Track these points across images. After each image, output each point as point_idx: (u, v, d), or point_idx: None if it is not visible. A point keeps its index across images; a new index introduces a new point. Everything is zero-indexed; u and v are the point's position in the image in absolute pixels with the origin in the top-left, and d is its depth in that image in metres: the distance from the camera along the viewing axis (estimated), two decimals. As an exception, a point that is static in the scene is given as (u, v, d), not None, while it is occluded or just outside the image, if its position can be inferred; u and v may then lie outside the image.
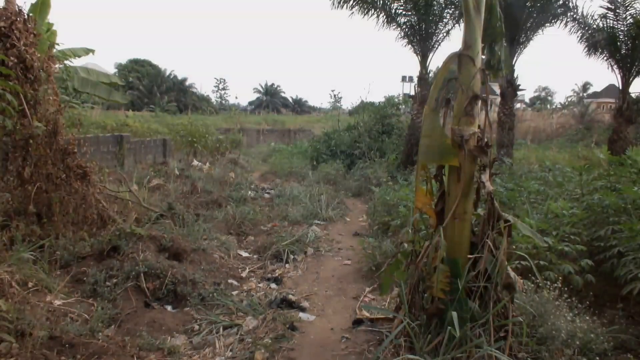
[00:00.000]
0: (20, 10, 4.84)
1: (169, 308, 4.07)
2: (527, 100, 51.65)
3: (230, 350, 3.40)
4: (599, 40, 11.53)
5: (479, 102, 3.00)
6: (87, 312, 3.63)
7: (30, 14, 5.08)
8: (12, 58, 4.47)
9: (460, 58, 3.05)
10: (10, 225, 4.46)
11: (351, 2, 11.62)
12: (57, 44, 6.18)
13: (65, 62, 7.08)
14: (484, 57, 3.32)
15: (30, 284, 3.72)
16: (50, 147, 4.86)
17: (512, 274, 2.90)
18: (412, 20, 11.74)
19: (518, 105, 29.51)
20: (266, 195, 9.83)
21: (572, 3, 11.43)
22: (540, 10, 11.07)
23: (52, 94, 5.00)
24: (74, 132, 5.81)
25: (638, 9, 10.66)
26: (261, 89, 59.98)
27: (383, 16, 11.91)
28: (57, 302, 3.68)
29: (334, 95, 55.86)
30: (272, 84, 60.16)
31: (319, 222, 7.60)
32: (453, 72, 3.28)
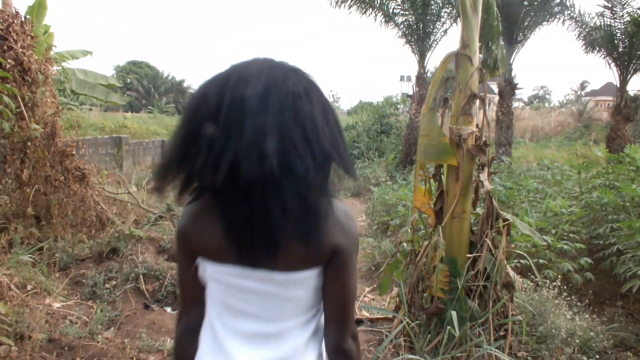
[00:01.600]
0: (17, 13, 4.83)
1: (168, 310, 4.07)
2: (525, 98, 51.72)
3: (230, 352, 3.40)
4: (596, 38, 11.57)
5: (477, 101, 2.99)
6: (87, 314, 3.62)
7: (27, 16, 5.07)
8: (9, 60, 4.46)
9: (458, 57, 3.05)
10: (9, 228, 4.45)
11: (349, 2, 11.64)
12: (55, 46, 6.17)
13: (63, 64, 7.07)
14: (481, 55, 3.32)
15: (29, 287, 3.71)
16: (49, 150, 4.85)
17: (512, 272, 2.90)
18: (410, 19, 11.76)
19: (516, 103, 29.53)
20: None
21: (570, 1, 11.47)
22: (537, 8, 11.10)
23: (50, 96, 4.99)
24: (72, 134, 5.80)
25: (635, 6, 10.73)
26: (259, 90, 59.91)
27: (381, 15, 11.93)
28: (56, 305, 3.67)
29: (332, 95, 55.79)
30: (271, 85, 60.11)
31: (318, 222, 7.58)
32: (451, 71, 3.28)
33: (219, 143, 0.83)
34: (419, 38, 11.80)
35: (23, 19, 4.83)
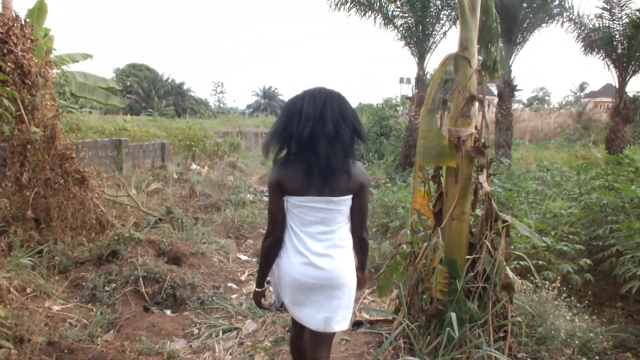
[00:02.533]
0: (17, 16, 4.84)
1: (168, 312, 4.07)
2: (524, 100, 51.76)
3: (230, 354, 3.40)
4: (595, 40, 11.57)
5: (476, 103, 3.00)
6: (86, 317, 3.62)
7: (27, 20, 5.08)
8: (9, 64, 4.47)
9: (457, 59, 3.05)
10: (9, 231, 4.45)
11: (348, 4, 11.65)
12: (54, 49, 6.18)
13: (63, 67, 7.08)
14: (480, 57, 3.33)
15: (28, 290, 3.71)
16: (48, 153, 4.85)
17: (511, 274, 2.90)
18: (409, 22, 11.77)
19: (515, 105, 29.56)
20: (265, 199, 9.83)
21: (568, 3, 11.49)
22: (536, 10, 11.11)
23: (50, 99, 4.99)
24: (72, 137, 5.81)
25: (634, 8, 10.73)
26: (259, 92, 60.07)
27: (380, 18, 11.93)
28: (56, 308, 3.67)
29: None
30: (270, 87, 60.27)
31: (318, 224, 7.56)
32: (450, 73, 3.28)
33: (303, 120, 1.85)
34: (418, 40, 11.80)
35: (23, 22, 4.84)
